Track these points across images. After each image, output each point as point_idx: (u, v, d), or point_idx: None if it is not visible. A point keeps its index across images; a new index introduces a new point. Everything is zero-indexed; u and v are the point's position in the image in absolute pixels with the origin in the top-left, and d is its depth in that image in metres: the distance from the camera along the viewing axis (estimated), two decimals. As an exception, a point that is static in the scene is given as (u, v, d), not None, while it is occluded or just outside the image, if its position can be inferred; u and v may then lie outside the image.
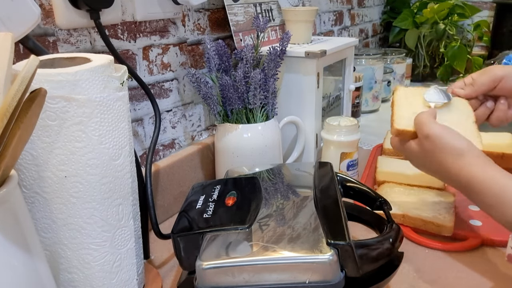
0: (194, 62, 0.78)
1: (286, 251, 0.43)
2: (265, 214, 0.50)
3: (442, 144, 0.52)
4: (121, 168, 0.44)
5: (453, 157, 0.52)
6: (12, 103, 0.30)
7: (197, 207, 0.52)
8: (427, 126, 0.54)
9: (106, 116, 0.42)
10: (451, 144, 0.52)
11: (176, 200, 0.75)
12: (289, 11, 0.90)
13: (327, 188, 0.54)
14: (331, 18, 1.33)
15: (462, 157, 0.51)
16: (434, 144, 0.53)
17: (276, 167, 0.63)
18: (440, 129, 0.53)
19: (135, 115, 0.67)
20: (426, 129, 0.53)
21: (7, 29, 0.45)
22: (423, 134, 0.54)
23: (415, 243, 0.63)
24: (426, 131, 0.53)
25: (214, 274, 0.43)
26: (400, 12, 1.62)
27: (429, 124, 0.54)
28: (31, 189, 0.41)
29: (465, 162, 0.51)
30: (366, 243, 0.45)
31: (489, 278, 0.55)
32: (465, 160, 0.51)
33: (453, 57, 1.48)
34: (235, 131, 0.72)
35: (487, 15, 1.80)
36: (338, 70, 1.01)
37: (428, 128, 0.53)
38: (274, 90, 0.74)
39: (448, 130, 0.53)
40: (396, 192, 0.73)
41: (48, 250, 0.43)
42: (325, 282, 0.42)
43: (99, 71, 0.41)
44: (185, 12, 0.74)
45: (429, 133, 0.53)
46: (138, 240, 0.50)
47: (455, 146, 0.52)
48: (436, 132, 0.53)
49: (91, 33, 0.59)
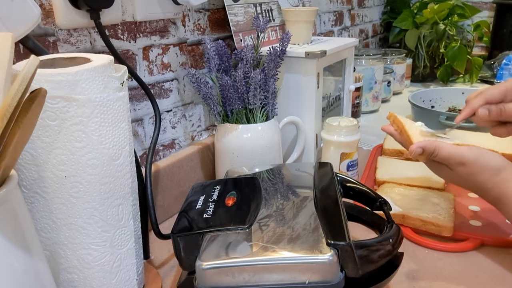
0: (194, 62, 0.78)
1: (286, 252, 0.43)
2: (265, 214, 0.50)
3: (479, 167, 0.54)
4: (121, 168, 0.44)
5: (490, 175, 0.54)
6: (12, 103, 0.30)
7: (197, 207, 0.52)
8: (458, 154, 0.55)
9: (106, 116, 0.42)
10: (488, 165, 0.54)
11: (176, 200, 0.75)
12: (289, 12, 0.90)
13: (327, 188, 0.54)
14: (331, 19, 1.33)
15: (499, 174, 0.53)
16: (471, 169, 0.54)
17: (276, 167, 0.63)
18: (472, 153, 0.54)
19: (135, 115, 0.67)
20: (458, 158, 0.55)
21: (7, 29, 0.45)
22: (456, 162, 0.55)
23: (415, 243, 0.63)
24: (459, 159, 0.55)
25: (214, 274, 0.43)
26: (400, 12, 1.63)
27: (459, 152, 0.55)
28: (31, 189, 0.41)
29: (500, 179, 0.53)
30: (366, 244, 0.45)
31: (489, 278, 0.55)
32: (500, 176, 0.53)
33: (453, 58, 1.48)
34: (235, 131, 0.72)
35: (487, 16, 1.80)
36: (338, 70, 1.01)
37: (459, 156, 0.54)
38: (274, 90, 0.74)
39: (480, 152, 0.55)
40: (396, 193, 0.73)
41: (48, 250, 0.43)
42: (325, 283, 0.42)
43: (99, 71, 0.41)
44: (185, 12, 0.74)
45: (463, 161, 0.54)
46: (138, 240, 0.50)
47: (491, 166, 0.54)
48: (470, 158, 0.54)
49: (91, 33, 0.59)
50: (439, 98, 1.25)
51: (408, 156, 0.61)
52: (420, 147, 0.57)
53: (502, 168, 0.54)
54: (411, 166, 0.83)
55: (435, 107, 1.24)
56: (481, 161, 0.54)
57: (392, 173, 0.80)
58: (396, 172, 0.81)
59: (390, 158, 0.88)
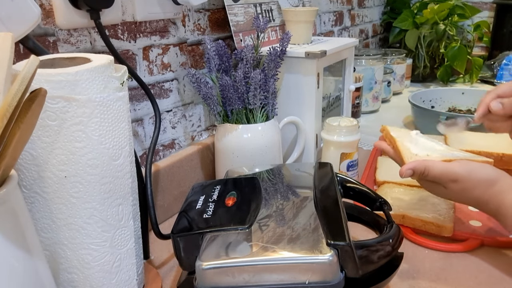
0: (194, 62, 0.78)
1: (286, 252, 0.43)
2: (265, 214, 0.50)
3: (473, 182, 0.53)
4: (121, 168, 0.44)
5: (485, 188, 0.53)
6: (12, 103, 0.30)
7: (197, 207, 0.52)
8: (450, 172, 0.54)
9: (106, 116, 0.42)
10: (481, 178, 0.53)
11: (176, 200, 0.75)
12: (289, 12, 0.90)
13: (327, 188, 0.54)
14: (331, 19, 1.33)
15: (493, 186, 0.53)
16: (464, 184, 0.54)
17: (276, 168, 0.63)
18: (463, 169, 0.54)
19: (135, 115, 0.67)
20: (450, 175, 0.54)
21: (7, 29, 0.45)
22: (449, 180, 0.54)
23: (415, 243, 0.63)
24: (451, 177, 0.54)
25: (214, 275, 0.43)
26: (400, 12, 1.63)
27: (450, 169, 0.54)
28: (31, 189, 0.41)
29: (495, 190, 0.53)
30: (366, 244, 0.45)
31: (489, 278, 0.55)
32: (495, 188, 0.53)
33: (453, 58, 1.48)
34: (235, 131, 0.72)
35: (487, 16, 1.80)
36: (338, 70, 1.01)
37: (451, 173, 0.54)
38: (274, 91, 0.74)
39: (471, 166, 0.54)
40: (396, 193, 0.73)
41: (48, 250, 0.43)
42: (325, 283, 0.42)
43: (99, 71, 0.41)
44: (185, 12, 0.74)
45: (455, 177, 0.54)
46: (138, 240, 0.50)
47: (484, 179, 0.53)
48: (462, 173, 0.53)
49: (91, 33, 0.59)
50: (439, 98, 1.25)
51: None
52: (409, 168, 0.56)
53: (495, 179, 0.53)
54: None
55: (435, 107, 1.24)
56: (473, 175, 0.53)
57: (392, 173, 0.80)
58: (396, 172, 0.80)
59: (390, 158, 0.88)
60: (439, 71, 1.55)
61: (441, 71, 1.54)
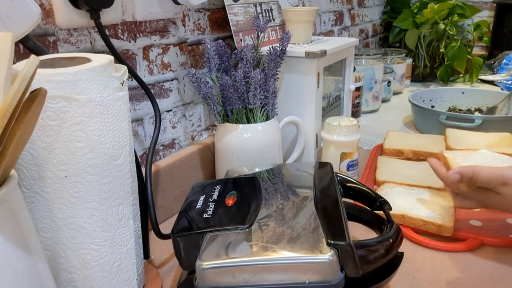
0: (194, 62, 0.78)
1: (286, 251, 0.43)
2: (265, 214, 0.50)
3: None
4: (121, 168, 0.44)
5: None
6: (12, 103, 0.30)
7: (197, 207, 0.52)
8: (500, 175, 0.53)
9: (106, 116, 0.42)
10: None
11: (176, 200, 0.75)
12: (289, 11, 0.90)
13: (327, 188, 0.54)
14: (331, 18, 1.33)
15: None
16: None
17: (276, 167, 0.63)
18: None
19: (135, 115, 0.67)
20: (501, 178, 0.53)
21: (7, 29, 0.45)
22: (499, 183, 0.53)
23: (415, 243, 0.63)
24: (501, 180, 0.53)
25: (214, 274, 0.43)
26: (400, 12, 1.63)
27: (500, 172, 0.53)
28: (31, 189, 0.41)
29: None
30: (366, 243, 0.45)
31: (489, 278, 0.55)
32: None
33: (453, 57, 1.48)
34: (235, 131, 0.72)
35: (487, 15, 1.80)
36: (338, 70, 1.01)
37: (501, 176, 0.53)
38: (274, 90, 0.74)
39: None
40: (396, 192, 0.73)
41: (48, 250, 0.43)
42: (325, 283, 0.42)
43: (99, 71, 0.41)
44: (185, 12, 0.74)
45: (506, 180, 0.52)
46: (138, 240, 0.50)
47: None
48: None
49: (91, 33, 0.59)
50: (439, 98, 1.25)
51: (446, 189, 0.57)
52: (457, 172, 0.54)
53: None
54: (411, 166, 0.83)
55: (435, 107, 1.24)
56: None
57: (392, 173, 0.80)
58: (396, 172, 0.81)
59: (390, 158, 0.88)
60: (439, 71, 1.55)
61: (441, 70, 1.54)
